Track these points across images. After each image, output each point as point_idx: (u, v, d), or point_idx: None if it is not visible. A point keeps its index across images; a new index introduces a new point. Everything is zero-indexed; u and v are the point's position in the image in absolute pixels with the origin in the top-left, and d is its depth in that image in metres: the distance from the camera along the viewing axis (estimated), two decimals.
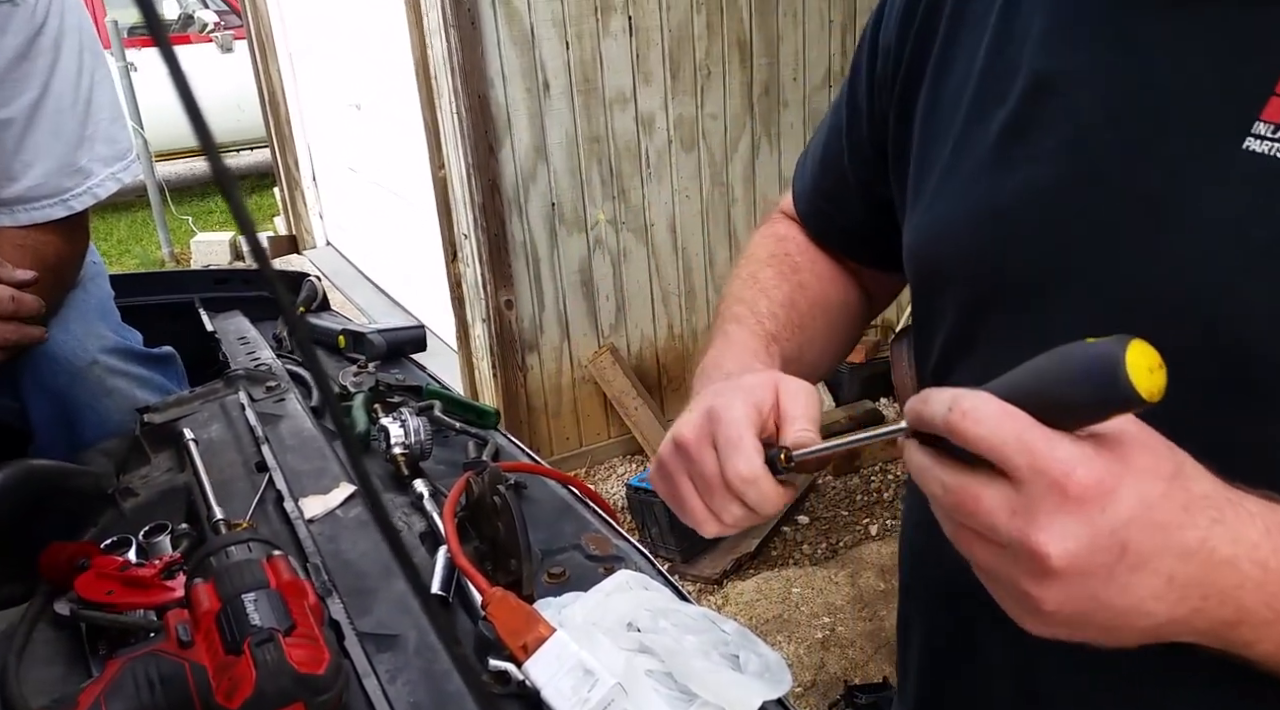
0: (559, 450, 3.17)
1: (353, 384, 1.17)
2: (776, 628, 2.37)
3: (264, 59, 5.32)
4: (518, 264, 2.91)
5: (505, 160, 2.80)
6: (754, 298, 0.82)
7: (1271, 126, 0.50)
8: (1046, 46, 0.61)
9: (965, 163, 0.66)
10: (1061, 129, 0.60)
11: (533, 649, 0.67)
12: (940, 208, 0.68)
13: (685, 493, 0.65)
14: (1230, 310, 0.52)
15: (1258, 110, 0.51)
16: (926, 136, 0.70)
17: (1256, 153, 0.51)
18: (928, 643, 0.81)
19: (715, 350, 0.78)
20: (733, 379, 0.68)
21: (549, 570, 0.88)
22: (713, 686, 0.67)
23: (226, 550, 0.72)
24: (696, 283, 3.23)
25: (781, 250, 0.86)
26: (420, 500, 0.95)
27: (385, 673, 0.68)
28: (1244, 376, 0.53)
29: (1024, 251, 0.62)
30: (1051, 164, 0.60)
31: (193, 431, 1.07)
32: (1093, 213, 0.58)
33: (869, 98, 0.77)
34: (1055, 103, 0.60)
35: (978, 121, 0.65)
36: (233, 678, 0.60)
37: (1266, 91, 0.51)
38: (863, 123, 0.78)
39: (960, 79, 0.67)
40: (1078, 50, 0.60)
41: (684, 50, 2.95)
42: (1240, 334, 0.52)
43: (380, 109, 4.08)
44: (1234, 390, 0.54)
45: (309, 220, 5.71)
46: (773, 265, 0.85)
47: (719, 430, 0.63)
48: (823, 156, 0.85)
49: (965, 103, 0.66)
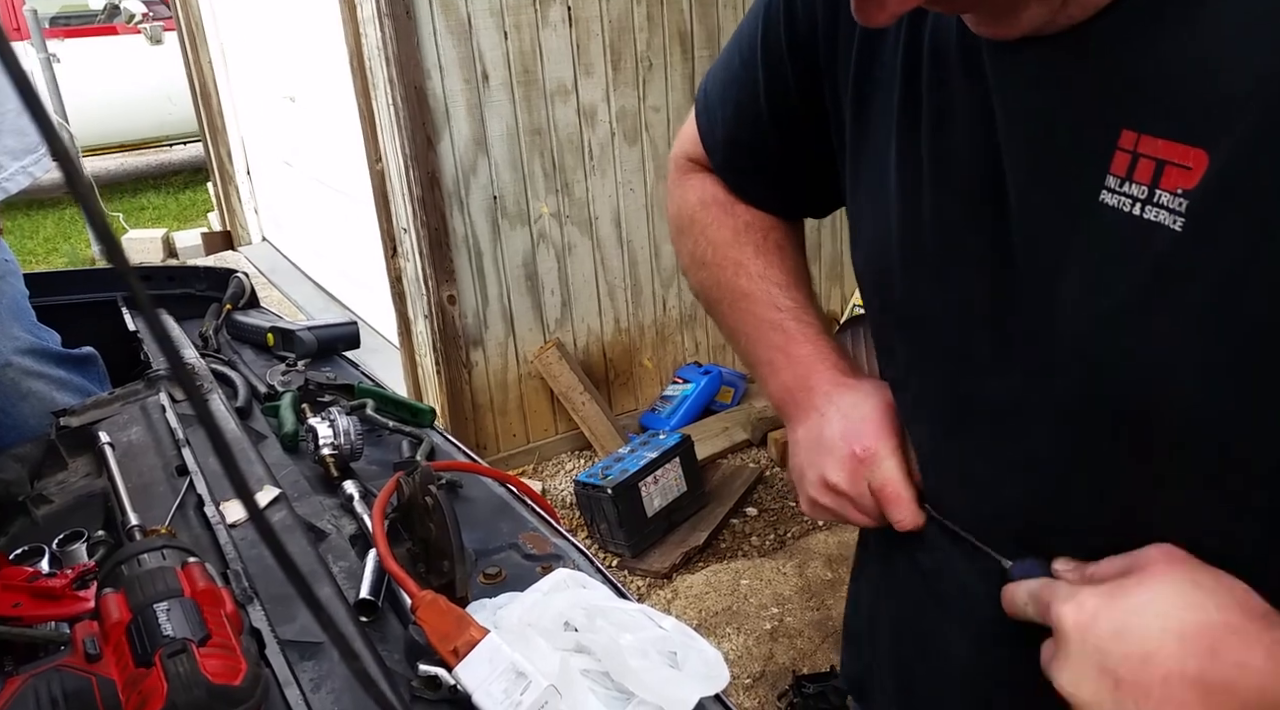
0: (506, 447, 3.13)
1: (281, 383, 1.14)
2: (725, 620, 2.37)
3: (195, 51, 5.17)
4: (460, 258, 2.87)
5: (444, 153, 2.76)
6: (767, 292, 0.82)
7: (1118, 179, 0.50)
8: (939, 75, 0.61)
9: (882, 185, 0.66)
10: (949, 163, 0.60)
11: (464, 653, 0.65)
12: (865, 229, 0.70)
13: (854, 519, 0.75)
14: (1103, 358, 0.53)
15: (1108, 163, 0.50)
16: (857, 146, 0.70)
17: (1109, 206, 0.51)
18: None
19: (788, 371, 0.81)
20: (838, 402, 0.76)
21: (485, 571, 0.86)
22: (650, 685, 0.66)
23: (139, 558, 0.68)
24: (642, 276, 3.22)
25: (739, 221, 0.85)
26: (350, 502, 0.92)
27: (308, 681, 0.65)
28: (1126, 426, 0.54)
29: (904, 281, 0.65)
30: (943, 195, 0.61)
31: (110, 435, 1.02)
32: (968, 251, 0.60)
33: (790, 52, 0.73)
34: (951, 135, 0.60)
35: (893, 144, 0.65)
36: (142, 691, 0.57)
37: (1112, 145, 0.50)
38: (788, 77, 0.74)
39: (883, 95, 0.66)
40: (962, 83, 0.59)
41: (625, 42, 2.93)
42: (1117, 381, 0.53)
43: (315, 101, 3.99)
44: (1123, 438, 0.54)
45: (244, 216, 5.57)
46: (746, 242, 0.84)
47: (875, 482, 0.72)
48: (735, 114, 0.81)
49: (888, 123, 0.65)
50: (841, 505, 0.75)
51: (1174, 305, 0.49)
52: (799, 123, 0.75)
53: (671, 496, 2.72)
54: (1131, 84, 0.49)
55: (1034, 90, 0.54)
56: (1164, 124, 0.48)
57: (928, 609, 0.75)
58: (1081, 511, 0.58)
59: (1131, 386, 0.52)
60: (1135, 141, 0.49)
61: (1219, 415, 0.49)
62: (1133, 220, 0.49)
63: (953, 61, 0.59)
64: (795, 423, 0.79)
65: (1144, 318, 0.50)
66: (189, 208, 6.94)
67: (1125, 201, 0.50)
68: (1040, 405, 0.58)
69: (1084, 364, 0.54)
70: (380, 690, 0.35)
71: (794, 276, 0.83)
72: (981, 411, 0.63)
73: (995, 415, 0.61)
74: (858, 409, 0.74)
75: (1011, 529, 0.63)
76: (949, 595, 0.71)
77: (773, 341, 0.81)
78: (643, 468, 2.64)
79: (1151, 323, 0.50)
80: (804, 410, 0.78)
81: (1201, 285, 0.47)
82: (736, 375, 3.36)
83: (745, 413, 3.22)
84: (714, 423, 3.20)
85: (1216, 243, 0.46)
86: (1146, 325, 0.50)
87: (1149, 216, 0.49)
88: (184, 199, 7.20)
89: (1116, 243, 0.50)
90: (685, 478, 2.75)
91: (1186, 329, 0.48)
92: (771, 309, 0.81)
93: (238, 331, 1.39)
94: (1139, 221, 0.49)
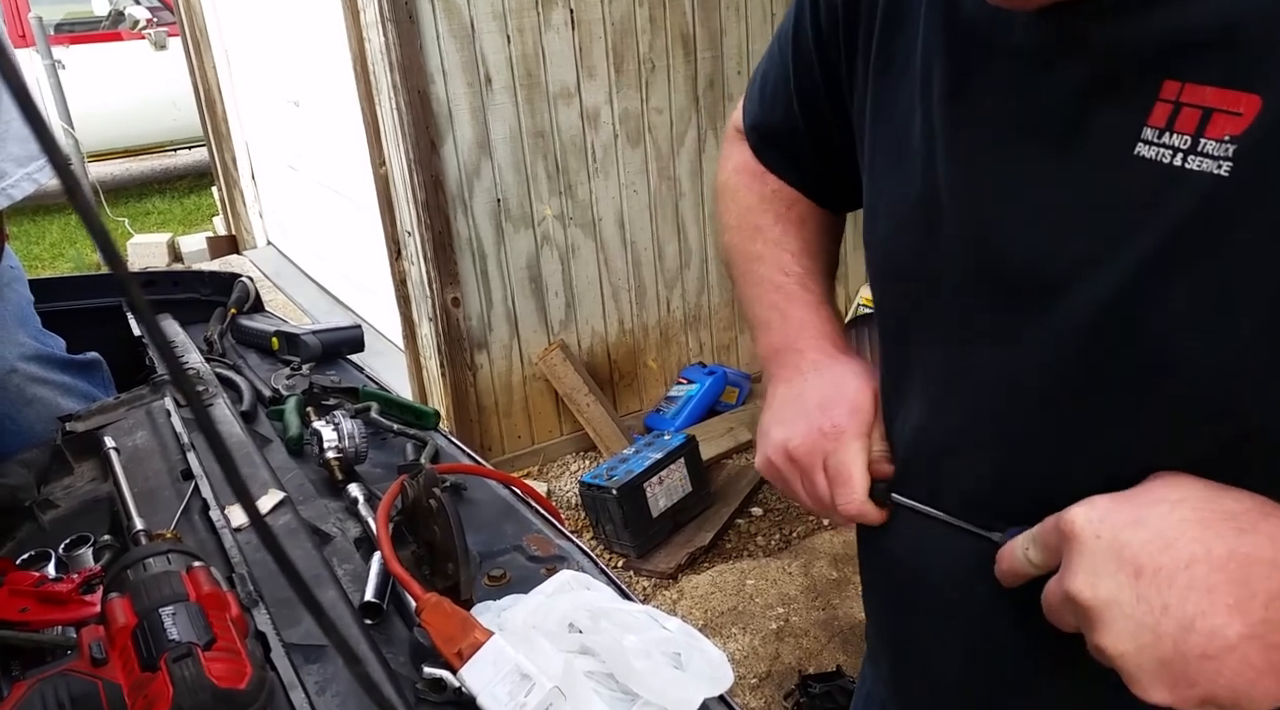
0: (511, 449, 3.14)
1: (285, 387, 1.14)
2: (731, 620, 2.37)
3: (199, 56, 5.19)
4: (464, 261, 2.87)
5: (448, 156, 2.76)
6: (778, 257, 0.83)
7: (1156, 131, 0.50)
8: (962, 45, 0.60)
9: (902, 156, 0.66)
10: (973, 130, 0.60)
11: (468, 655, 0.65)
12: (879, 205, 0.69)
13: (798, 493, 0.74)
14: (1119, 318, 0.53)
15: (1145, 116, 0.50)
16: (876, 119, 0.69)
17: (1146, 158, 0.50)
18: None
19: (780, 331, 0.81)
20: (823, 371, 0.76)
21: (489, 573, 0.86)
22: (654, 686, 0.66)
23: (144, 562, 0.69)
24: (646, 277, 3.22)
25: (767, 189, 0.86)
26: (355, 505, 0.93)
27: (314, 685, 0.65)
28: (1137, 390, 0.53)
29: (917, 247, 0.64)
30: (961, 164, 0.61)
31: (116, 439, 1.03)
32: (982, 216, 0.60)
33: (817, 50, 0.75)
34: (975, 105, 0.60)
35: (916, 113, 0.64)
36: (148, 696, 0.58)
37: (1152, 97, 0.50)
38: (815, 73, 0.76)
39: (904, 69, 0.66)
40: (985, 53, 0.59)
41: (627, 44, 2.94)
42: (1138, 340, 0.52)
43: (319, 105, 3.99)
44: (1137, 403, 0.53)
45: (249, 219, 5.58)
46: (768, 209, 0.85)
47: (830, 460, 0.71)
48: (771, 95, 0.83)
49: (909, 93, 0.65)
50: (792, 475, 0.74)
51: (1209, 254, 0.48)
52: (825, 114, 0.76)
53: (676, 497, 2.72)
54: (1174, 35, 0.49)
55: (1065, 57, 0.54)
56: (1213, 71, 0.47)
57: (908, 604, 0.74)
58: (1084, 486, 0.55)
59: (1154, 345, 0.50)
60: (1179, 91, 0.48)
61: (1247, 376, 0.47)
62: (1172, 172, 0.49)
63: (979, 31, 0.58)
64: (776, 381, 0.79)
65: (1169, 271, 0.49)
66: (194, 212, 6.95)
67: (1165, 152, 0.49)
68: (1035, 371, 0.57)
69: (1100, 327, 0.53)
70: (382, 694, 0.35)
71: (810, 247, 0.83)
72: (982, 380, 0.61)
73: (995, 385, 0.60)
74: (838, 385, 0.74)
75: (1004, 505, 0.61)
76: (926, 589, 0.71)
77: (772, 301, 0.82)
78: (648, 468, 2.64)
79: (1178, 276, 0.49)
80: (787, 370, 0.78)
81: (1246, 231, 0.46)
82: (741, 375, 3.36)
83: (750, 413, 3.22)
84: (719, 423, 3.20)
85: (1266, 185, 0.46)
86: (1171, 279, 0.49)
87: (1191, 166, 0.48)
88: (189, 204, 7.21)
89: (1149, 194, 0.50)
90: (690, 478, 2.75)
91: (1223, 280, 0.47)
92: (778, 272, 0.82)
93: (242, 336, 1.39)
94: (1179, 172, 0.48)
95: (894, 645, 0.79)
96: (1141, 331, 0.51)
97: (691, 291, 3.32)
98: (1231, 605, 0.45)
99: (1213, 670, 0.45)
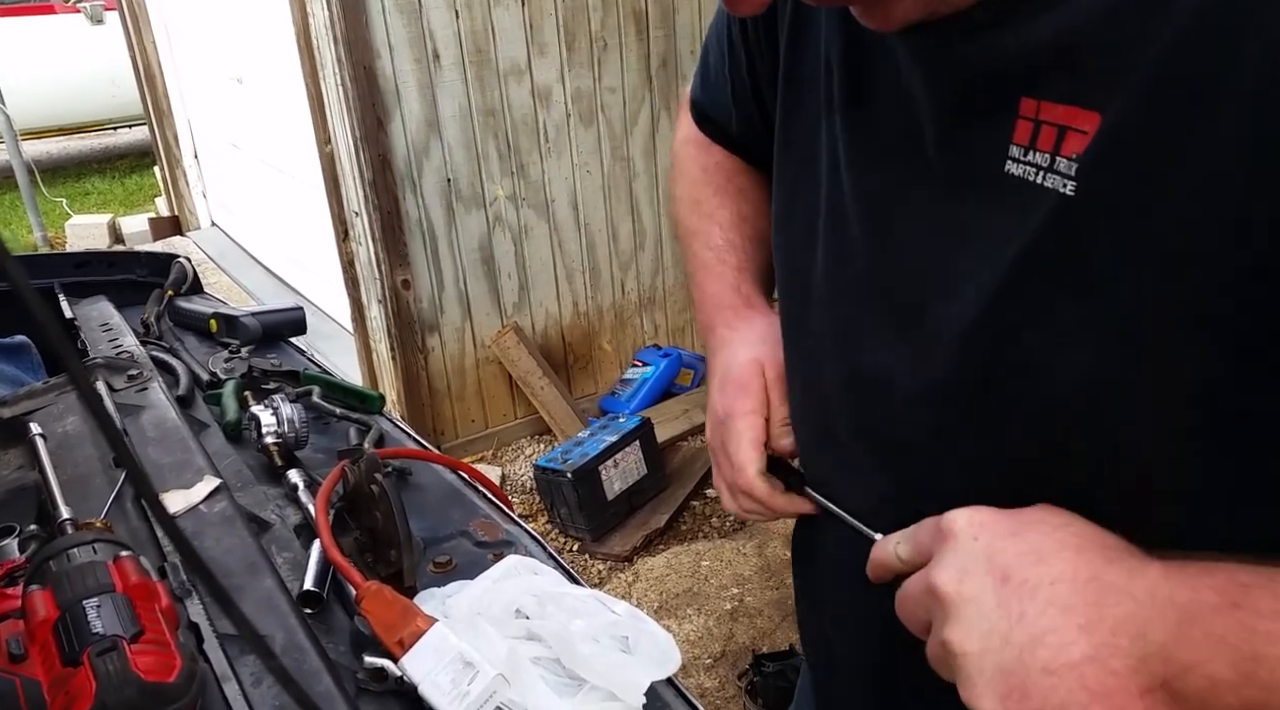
0: (464, 433, 3.10)
1: (224, 370, 1.11)
2: (686, 601, 2.38)
3: (138, 31, 5.02)
4: (414, 242, 2.82)
5: (395, 134, 2.70)
6: (708, 231, 0.84)
7: (1022, 149, 0.50)
8: (861, 59, 0.61)
9: (808, 171, 0.67)
10: (872, 142, 0.60)
11: (409, 644, 0.64)
12: (796, 210, 0.70)
13: (723, 472, 0.76)
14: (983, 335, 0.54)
15: (1010, 133, 0.50)
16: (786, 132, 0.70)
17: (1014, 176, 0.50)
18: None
19: (701, 309, 0.84)
20: (721, 350, 0.79)
21: (435, 559, 0.84)
22: (600, 670, 0.65)
23: (68, 553, 0.65)
24: (600, 259, 3.19)
25: (711, 161, 0.86)
26: (295, 492, 0.90)
27: (249, 676, 0.63)
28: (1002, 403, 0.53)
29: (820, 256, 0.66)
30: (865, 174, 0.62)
31: (44, 426, 0.98)
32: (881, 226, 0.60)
33: (743, 41, 0.76)
34: (872, 117, 0.60)
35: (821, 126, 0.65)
36: (70, 692, 0.55)
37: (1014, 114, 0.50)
38: (741, 58, 0.77)
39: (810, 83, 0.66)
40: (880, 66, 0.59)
41: (579, 21, 2.89)
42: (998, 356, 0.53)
43: (263, 82, 3.89)
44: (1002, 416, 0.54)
45: (192, 200, 5.43)
46: (709, 181, 0.86)
47: (728, 445, 0.74)
48: (709, 72, 0.83)
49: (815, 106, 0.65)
50: (715, 465, 0.78)
51: (1061, 272, 0.47)
52: (757, 96, 0.77)
53: (632, 480, 2.71)
54: (1027, 53, 0.48)
55: (934, 72, 0.54)
56: (1062, 88, 0.47)
57: (824, 585, 0.76)
58: (958, 496, 0.54)
59: (1020, 360, 0.51)
60: (1036, 108, 0.48)
61: (1108, 394, 0.47)
62: (1034, 189, 0.48)
63: (867, 42, 0.59)
64: (709, 363, 0.83)
65: (1028, 288, 0.49)
66: (135, 193, 6.75)
67: (1030, 170, 0.49)
68: (919, 382, 0.58)
69: (964, 341, 0.53)
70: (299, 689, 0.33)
71: (743, 219, 0.84)
72: (866, 388, 0.62)
73: (876, 393, 0.61)
74: (728, 365, 0.77)
75: (886, 518, 0.61)
76: (836, 573, 0.72)
77: (700, 279, 0.84)
78: (603, 451, 2.63)
79: (1036, 294, 0.49)
80: (710, 352, 0.82)
81: (1094, 248, 0.46)
82: (696, 358, 3.36)
83: (705, 395, 3.22)
84: (674, 405, 3.20)
85: (1106, 204, 0.45)
86: (1030, 297, 0.49)
87: (1047, 184, 0.48)
88: (130, 184, 7.01)
89: (1018, 211, 0.49)
90: (645, 461, 2.75)
91: (1077, 298, 0.47)
92: (705, 247, 0.84)
93: (180, 318, 1.35)
94: (1039, 190, 0.48)
95: (809, 632, 0.83)
96: (1009, 347, 0.51)
97: (646, 273, 3.30)
98: (1082, 625, 0.45)
99: (1049, 686, 0.45)
